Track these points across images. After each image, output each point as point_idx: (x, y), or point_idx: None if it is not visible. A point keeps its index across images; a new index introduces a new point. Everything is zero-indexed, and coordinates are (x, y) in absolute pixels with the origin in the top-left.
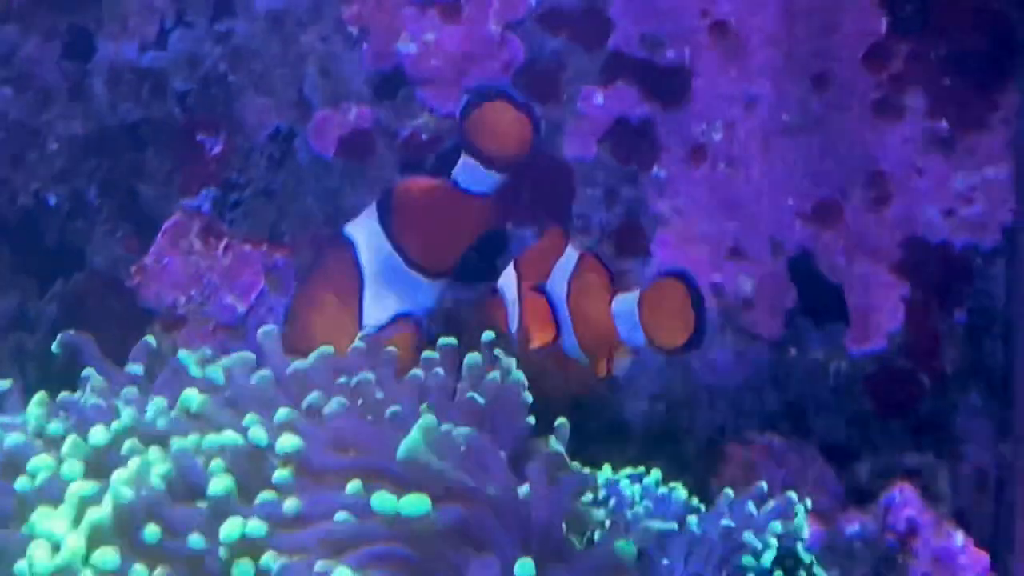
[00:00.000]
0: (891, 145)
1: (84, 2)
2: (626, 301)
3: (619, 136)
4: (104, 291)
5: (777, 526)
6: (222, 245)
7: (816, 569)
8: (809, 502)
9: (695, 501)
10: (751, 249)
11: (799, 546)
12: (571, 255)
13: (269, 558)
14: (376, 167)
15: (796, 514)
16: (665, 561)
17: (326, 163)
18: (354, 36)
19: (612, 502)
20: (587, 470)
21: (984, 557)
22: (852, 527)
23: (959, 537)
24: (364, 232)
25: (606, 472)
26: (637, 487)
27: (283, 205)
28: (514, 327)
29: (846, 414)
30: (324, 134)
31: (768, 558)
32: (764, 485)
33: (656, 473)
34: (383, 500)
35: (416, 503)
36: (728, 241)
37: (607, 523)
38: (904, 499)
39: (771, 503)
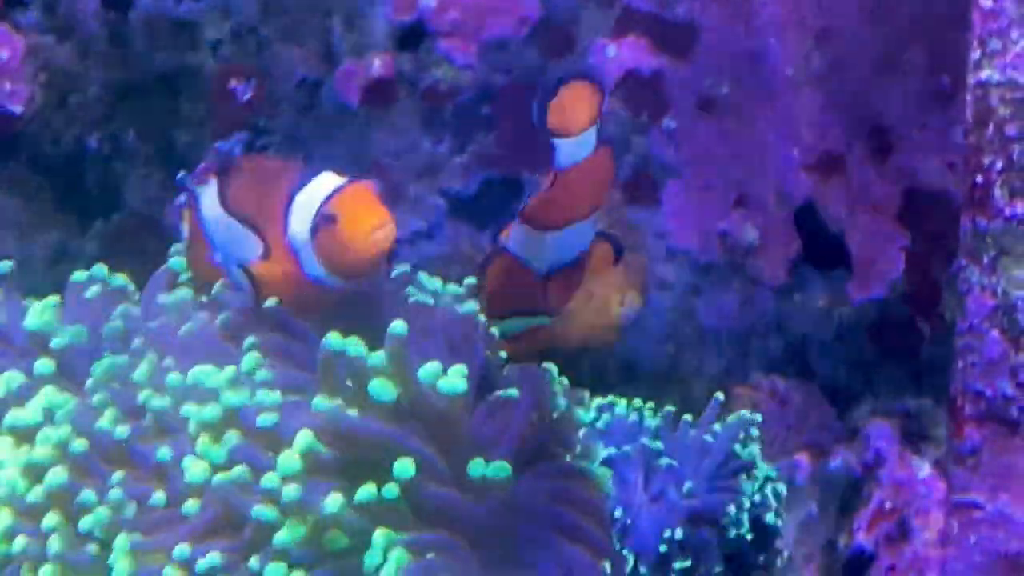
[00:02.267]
0: (894, 99)
1: None
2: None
3: (630, 88)
4: (140, 230)
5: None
6: None
7: (769, 473)
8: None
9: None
10: (757, 199)
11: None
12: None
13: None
14: (398, 115)
15: (751, 432)
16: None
17: (350, 111)
18: None
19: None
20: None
21: (943, 486)
22: (836, 461)
23: (924, 468)
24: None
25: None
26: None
27: (309, 150)
28: None
29: (848, 359)
30: (349, 83)
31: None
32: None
33: (622, 401)
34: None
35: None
36: (734, 191)
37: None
38: (877, 433)
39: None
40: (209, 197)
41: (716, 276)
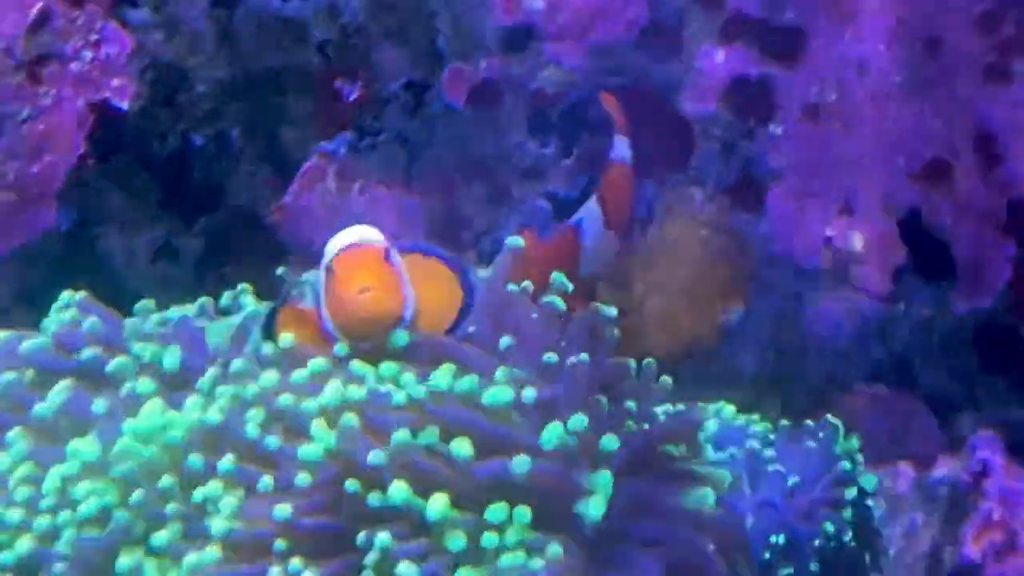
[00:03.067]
0: (1001, 108)
1: None
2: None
3: (737, 93)
4: (245, 228)
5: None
6: (356, 187)
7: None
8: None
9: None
10: (862, 206)
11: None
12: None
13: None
14: (504, 117)
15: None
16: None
17: (457, 112)
18: None
19: None
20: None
21: None
22: (940, 472)
23: None
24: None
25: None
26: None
27: (415, 151)
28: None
29: (952, 369)
30: (455, 85)
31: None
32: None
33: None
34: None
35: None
36: (840, 198)
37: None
38: (984, 443)
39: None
40: None
41: (820, 283)
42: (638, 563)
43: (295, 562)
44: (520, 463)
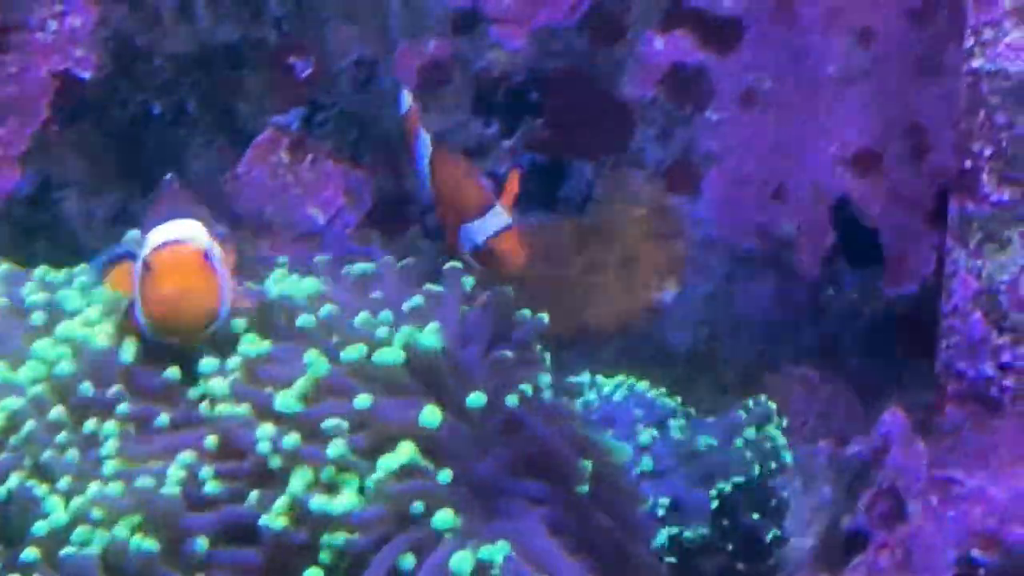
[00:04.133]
0: (931, 100)
1: None
2: None
3: (676, 80)
4: (199, 194)
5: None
6: (307, 160)
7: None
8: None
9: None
10: (794, 193)
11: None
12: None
13: None
14: (450, 96)
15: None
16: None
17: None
18: None
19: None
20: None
21: None
22: (853, 448)
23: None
24: None
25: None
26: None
27: (364, 127)
28: None
29: (878, 353)
30: (405, 63)
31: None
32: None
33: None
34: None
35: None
36: (773, 184)
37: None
38: (890, 420)
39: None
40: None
41: (752, 266)
42: (523, 515)
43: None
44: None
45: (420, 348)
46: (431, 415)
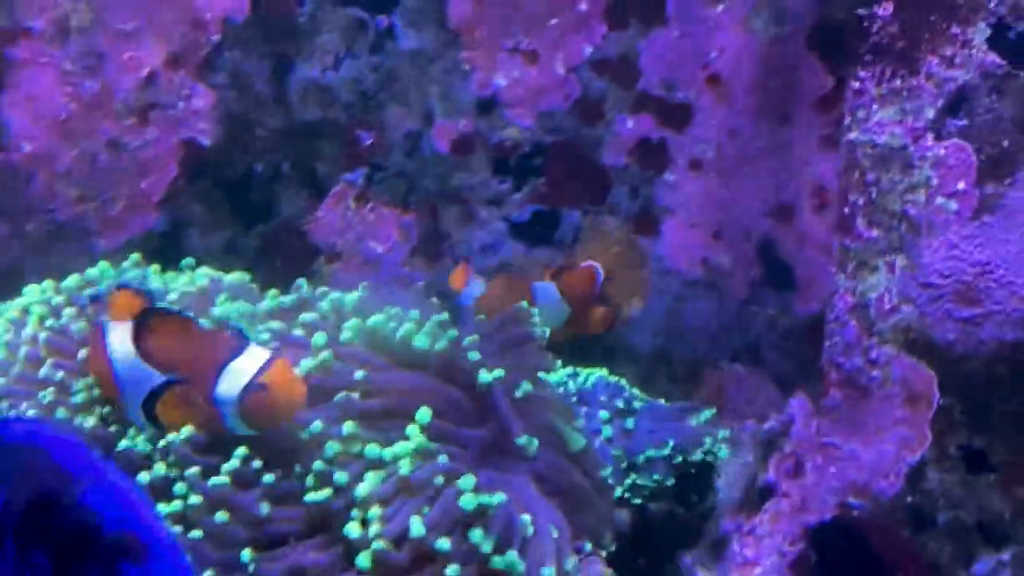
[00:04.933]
0: (832, 166)
1: (285, 36)
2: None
3: (642, 151)
4: (288, 233)
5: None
6: (368, 207)
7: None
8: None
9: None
10: (730, 235)
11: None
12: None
13: None
14: (475, 161)
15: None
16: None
17: (442, 156)
18: (465, 70)
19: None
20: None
21: None
22: (769, 424)
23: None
24: None
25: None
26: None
27: (412, 183)
28: None
29: (790, 354)
30: (442, 136)
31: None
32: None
33: (604, 371)
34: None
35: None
36: (713, 228)
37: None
38: (796, 403)
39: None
40: (120, 336)
41: (698, 289)
42: (511, 468)
43: None
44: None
45: (443, 338)
46: (424, 413)
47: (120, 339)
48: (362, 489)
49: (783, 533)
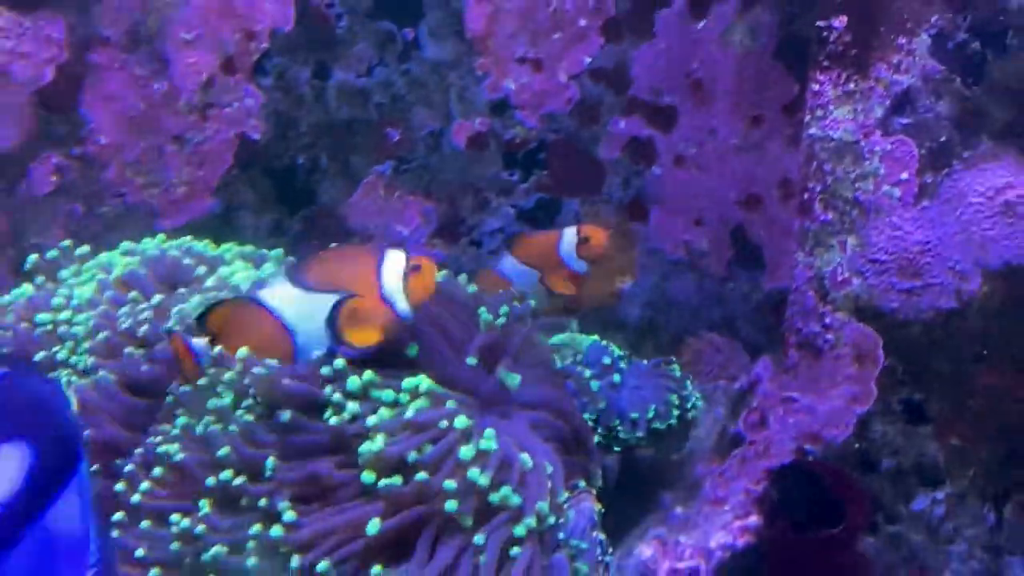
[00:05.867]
0: (795, 163)
1: (325, 46)
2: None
3: (633, 147)
4: (327, 217)
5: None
6: (396, 195)
7: (695, 400)
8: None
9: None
10: (708, 221)
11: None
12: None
13: None
14: (489, 156)
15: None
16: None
17: (459, 151)
18: (480, 76)
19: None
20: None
21: None
22: (739, 383)
23: (788, 387)
24: None
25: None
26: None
27: (433, 174)
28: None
29: (760, 325)
30: (459, 134)
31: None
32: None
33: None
34: None
35: None
36: (694, 216)
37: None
38: (761, 364)
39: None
40: (278, 292)
41: (681, 268)
42: (513, 415)
43: None
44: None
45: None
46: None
47: (278, 294)
48: (372, 419)
49: (749, 475)
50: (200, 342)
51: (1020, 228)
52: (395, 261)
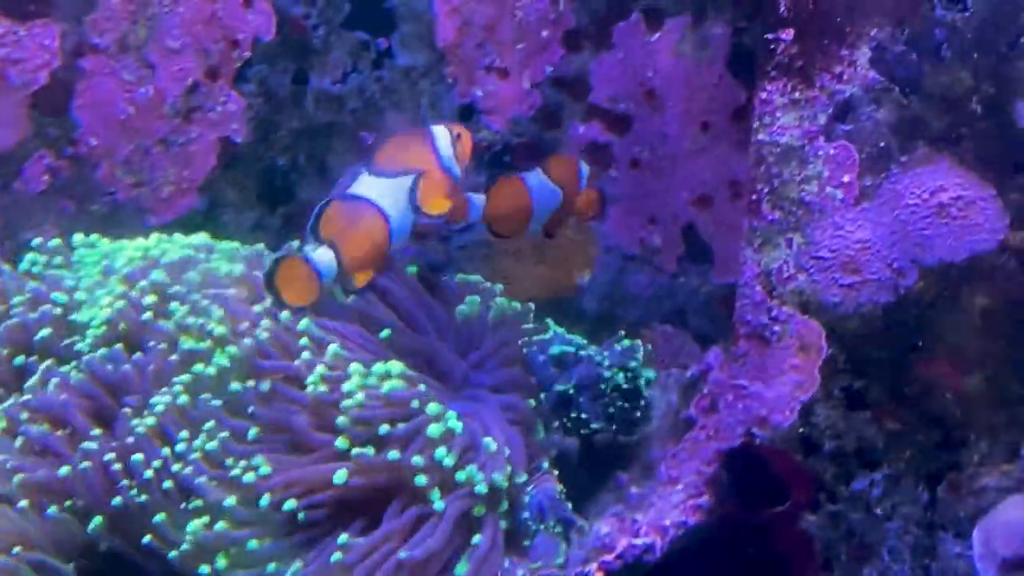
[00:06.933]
0: (743, 166)
1: (303, 54)
2: None
3: (591, 150)
4: (305, 214)
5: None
6: None
7: (646, 375)
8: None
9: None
10: (662, 220)
11: (638, 365)
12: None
13: None
14: None
15: (639, 350)
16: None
17: None
18: (450, 83)
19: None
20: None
21: None
22: (690, 371)
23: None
24: None
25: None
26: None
27: None
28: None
29: (709, 317)
30: None
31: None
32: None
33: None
34: None
35: None
36: (648, 214)
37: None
38: (712, 354)
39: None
40: (368, 185)
41: (635, 263)
42: (483, 397)
43: None
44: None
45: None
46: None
47: (367, 186)
48: (346, 386)
49: (700, 457)
50: (322, 256)
51: (953, 228)
52: (443, 135)
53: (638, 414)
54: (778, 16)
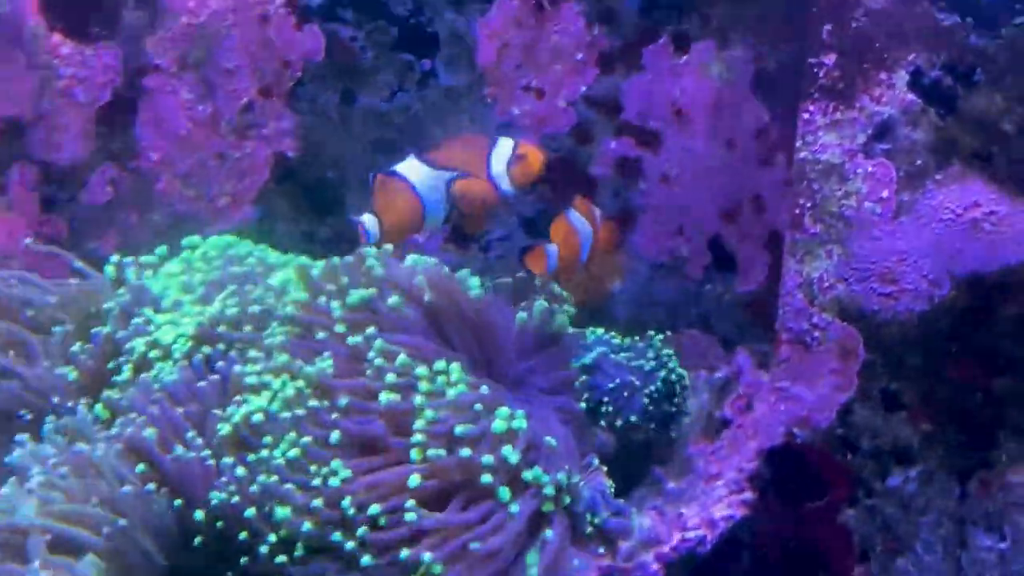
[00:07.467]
0: (767, 181)
1: (350, 74)
2: None
3: (622, 165)
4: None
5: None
6: None
7: (680, 374)
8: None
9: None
10: (689, 231)
11: (675, 365)
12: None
13: None
14: None
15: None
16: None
17: None
18: (489, 102)
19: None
20: None
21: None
22: (719, 374)
23: (765, 377)
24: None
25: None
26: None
27: None
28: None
29: (733, 322)
30: None
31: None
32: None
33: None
34: None
35: None
36: (677, 225)
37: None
38: (742, 358)
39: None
40: (412, 168)
41: (664, 272)
42: (538, 399)
43: None
44: None
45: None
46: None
47: (412, 169)
48: (418, 399)
49: (741, 455)
50: (369, 221)
51: (985, 241)
52: (503, 148)
53: (675, 411)
54: (821, 41)
